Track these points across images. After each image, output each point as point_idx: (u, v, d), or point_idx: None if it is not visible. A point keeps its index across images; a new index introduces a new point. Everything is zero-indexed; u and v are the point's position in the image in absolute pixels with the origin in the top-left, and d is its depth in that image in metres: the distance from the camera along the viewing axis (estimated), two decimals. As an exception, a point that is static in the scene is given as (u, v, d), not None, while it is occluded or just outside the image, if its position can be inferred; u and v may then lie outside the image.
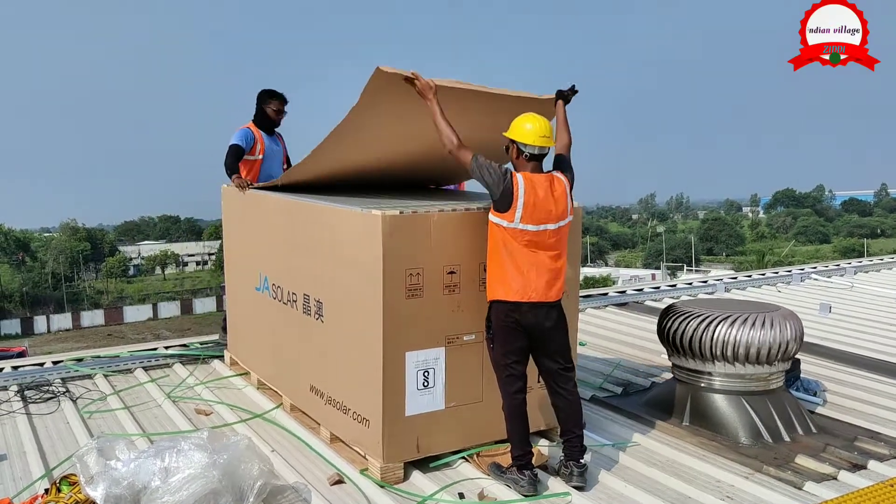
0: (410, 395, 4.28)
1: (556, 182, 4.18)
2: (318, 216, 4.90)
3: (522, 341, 4.17)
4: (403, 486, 4.24)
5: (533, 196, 4.06)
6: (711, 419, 5.02)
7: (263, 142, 6.50)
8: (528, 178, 4.10)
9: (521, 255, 4.08)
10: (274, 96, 6.55)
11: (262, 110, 6.54)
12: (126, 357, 6.74)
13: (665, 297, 9.54)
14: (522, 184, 4.07)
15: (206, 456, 3.79)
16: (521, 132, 4.17)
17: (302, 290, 5.04)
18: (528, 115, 4.21)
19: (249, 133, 6.45)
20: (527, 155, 4.17)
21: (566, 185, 4.23)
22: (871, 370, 6.43)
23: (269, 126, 6.59)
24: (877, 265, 12.43)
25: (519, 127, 4.19)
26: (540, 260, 4.10)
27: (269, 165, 6.55)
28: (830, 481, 4.32)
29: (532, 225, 4.07)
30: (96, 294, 77.89)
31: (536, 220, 4.07)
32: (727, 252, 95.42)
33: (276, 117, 6.58)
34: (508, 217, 4.05)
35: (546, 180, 4.15)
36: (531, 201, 4.05)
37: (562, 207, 4.16)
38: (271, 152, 6.57)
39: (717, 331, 4.97)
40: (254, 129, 6.50)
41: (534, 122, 4.17)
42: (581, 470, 4.23)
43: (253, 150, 6.45)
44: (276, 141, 6.66)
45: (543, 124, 4.18)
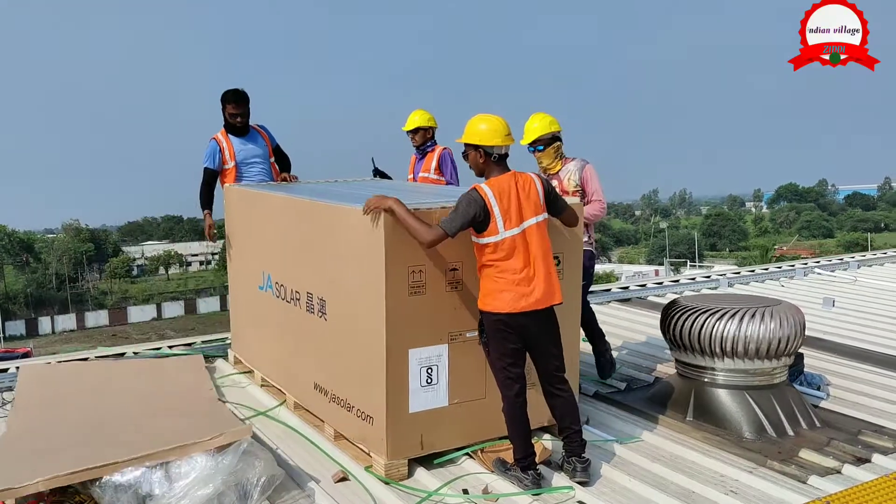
0: (414, 392, 4.29)
1: (519, 177, 4.16)
2: (321, 214, 4.91)
3: (517, 344, 4.16)
4: (408, 483, 4.26)
5: (504, 195, 4.05)
6: (715, 414, 5.02)
7: (232, 147, 6.41)
8: (491, 183, 4.10)
9: (509, 267, 4.05)
10: (227, 100, 6.38)
11: (223, 113, 6.44)
12: (130, 357, 6.75)
13: (668, 293, 9.54)
14: (488, 190, 4.06)
15: (208, 458, 3.80)
16: (484, 135, 4.14)
17: (305, 289, 5.05)
18: (482, 117, 4.21)
19: (216, 146, 6.39)
20: (494, 156, 4.16)
21: (535, 180, 4.19)
22: (874, 364, 6.42)
23: (236, 129, 6.44)
24: (880, 259, 12.40)
25: (479, 131, 4.15)
26: (528, 268, 4.06)
27: (246, 168, 6.46)
28: (834, 475, 4.32)
29: (516, 227, 4.04)
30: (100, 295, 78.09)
31: (515, 218, 4.05)
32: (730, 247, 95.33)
33: (233, 121, 6.40)
34: (492, 230, 4.03)
35: (509, 177, 4.13)
36: (504, 204, 4.04)
37: (535, 200, 4.13)
38: (245, 154, 6.46)
39: (719, 326, 4.97)
40: (223, 137, 6.42)
41: (491, 122, 4.17)
42: (584, 465, 4.23)
43: (223, 160, 6.40)
44: (252, 138, 6.53)
45: (500, 122, 4.18)
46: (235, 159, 6.42)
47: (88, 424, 4.80)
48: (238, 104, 6.39)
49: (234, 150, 6.43)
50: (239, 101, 6.40)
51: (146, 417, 4.92)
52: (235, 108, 6.38)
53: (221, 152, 6.41)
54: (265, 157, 6.61)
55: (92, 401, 5.34)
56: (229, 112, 6.39)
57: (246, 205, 6.10)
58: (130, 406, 5.19)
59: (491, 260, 4.08)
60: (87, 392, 5.54)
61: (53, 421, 4.89)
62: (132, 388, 5.60)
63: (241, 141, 6.48)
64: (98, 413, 5.06)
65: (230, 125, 6.45)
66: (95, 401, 5.34)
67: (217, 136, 6.44)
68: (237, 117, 6.40)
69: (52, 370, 6.16)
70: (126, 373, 6.05)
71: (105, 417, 4.95)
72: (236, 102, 6.38)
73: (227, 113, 6.40)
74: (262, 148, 6.60)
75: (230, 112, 6.39)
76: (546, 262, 4.11)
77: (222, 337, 7.34)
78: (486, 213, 4.01)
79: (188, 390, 5.58)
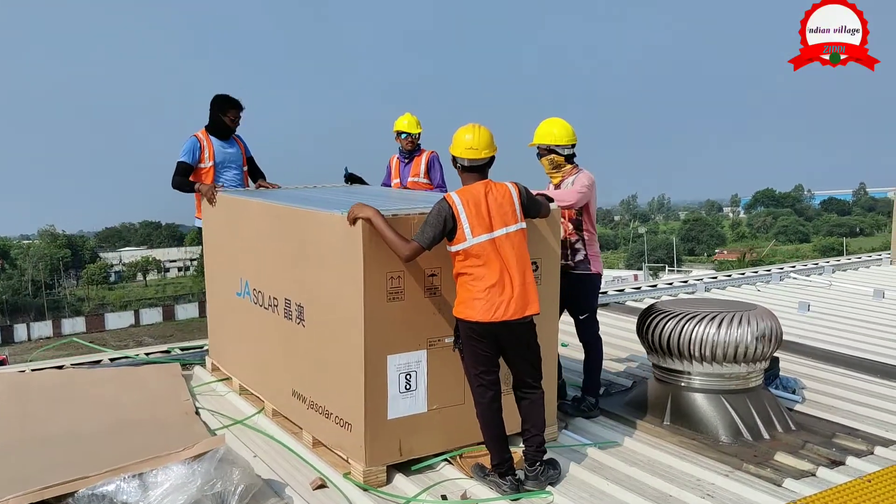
0: (392, 399, 4.29)
1: (494, 186, 4.18)
2: (299, 220, 4.90)
3: (490, 351, 4.16)
4: (386, 489, 4.25)
5: (473, 203, 4.07)
6: (691, 418, 5.06)
7: (213, 148, 6.50)
8: (461, 192, 4.13)
9: (481, 275, 4.05)
10: (231, 104, 6.56)
11: (218, 118, 6.55)
12: (107, 364, 6.70)
13: (646, 298, 9.61)
14: (457, 198, 4.08)
15: (184, 466, 3.78)
16: (454, 143, 4.23)
17: (283, 295, 5.04)
18: (466, 127, 4.25)
19: (196, 143, 6.47)
20: (460, 166, 4.21)
21: (511, 189, 4.20)
22: (848, 367, 6.50)
23: (222, 132, 6.58)
24: (854, 263, 12.56)
25: (456, 139, 4.23)
26: (501, 277, 4.05)
27: (225, 170, 6.58)
28: (809, 478, 4.36)
29: (484, 235, 4.04)
30: (77, 301, 77.27)
31: (485, 225, 4.05)
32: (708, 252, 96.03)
33: (231, 124, 6.59)
34: (460, 237, 4.04)
35: (482, 185, 4.16)
36: (472, 210, 4.05)
37: (508, 209, 4.13)
38: (223, 157, 6.57)
39: (695, 330, 5.01)
40: (203, 136, 6.52)
41: (467, 133, 4.21)
42: (533, 473, 4.22)
43: (202, 158, 6.47)
44: (231, 144, 6.66)
45: (476, 135, 4.19)
46: (214, 160, 6.50)
47: (62, 436, 4.77)
48: (239, 109, 6.62)
49: (213, 150, 6.51)
50: (240, 106, 6.63)
51: (121, 427, 4.89)
52: (238, 113, 6.60)
53: (201, 150, 6.48)
54: (240, 164, 6.73)
55: (66, 411, 5.30)
56: (231, 116, 6.56)
57: (224, 210, 6.07)
58: (105, 416, 5.15)
59: (464, 268, 4.09)
60: (61, 401, 5.50)
61: (26, 433, 4.85)
62: (107, 398, 5.56)
63: (222, 144, 6.58)
64: (72, 423, 5.02)
65: (219, 128, 6.57)
66: (70, 411, 5.30)
67: (198, 134, 6.54)
68: (237, 120, 6.62)
69: (27, 379, 6.09)
70: (101, 381, 5.99)
71: (79, 428, 4.92)
72: (238, 108, 6.61)
73: (228, 117, 6.56)
74: (238, 155, 6.72)
75: (231, 117, 6.56)
76: (522, 272, 4.10)
77: (200, 344, 7.30)
78: (455, 220, 4.03)
79: (164, 399, 5.54)
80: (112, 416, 5.14)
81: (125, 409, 5.30)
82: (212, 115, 6.57)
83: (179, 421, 5.09)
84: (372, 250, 4.11)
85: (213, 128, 6.56)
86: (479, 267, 4.05)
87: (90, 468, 3.79)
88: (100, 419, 5.09)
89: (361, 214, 4.08)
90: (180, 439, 4.20)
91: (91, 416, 5.17)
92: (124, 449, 4.26)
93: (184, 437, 4.36)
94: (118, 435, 4.77)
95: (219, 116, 6.54)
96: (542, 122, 5.33)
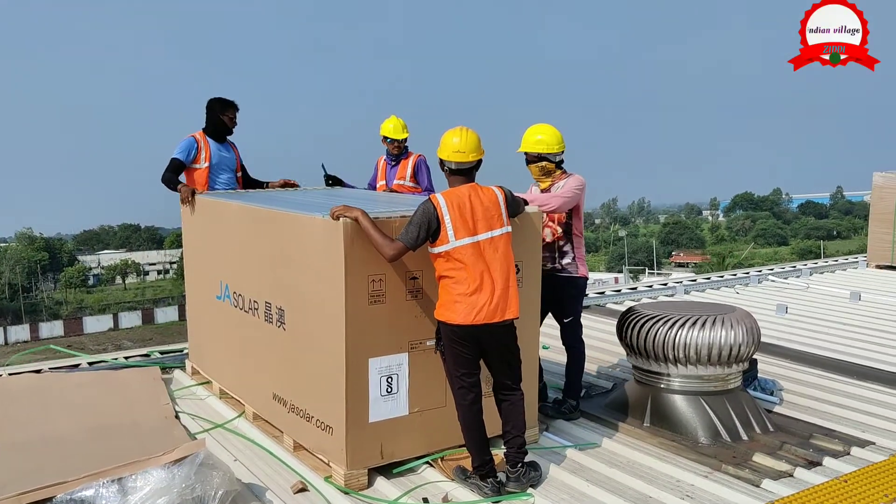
0: (374, 402, 4.29)
1: (480, 190, 4.20)
2: (280, 223, 4.88)
3: (471, 354, 4.17)
4: (367, 493, 4.25)
5: (458, 204, 4.08)
6: (671, 420, 5.10)
7: (209, 149, 6.51)
8: (446, 194, 4.14)
9: (463, 278, 4.06)
10: (230, 105, 6.59)
11: (217, 119, 6.56)
12: (85, 368, 6.64)
13: (626, 300, 9.67)
14: (442, 199, 4.10)
15: (163, 470, 3.75)
16: (441, 147, 4.25)
17: (263, 298, 5.02)
18: (453, 130, 4.26)
19: (193, 143, 6.47)
20: (448, 169, 4.23)
21: (497, 193, 4.23)
22: (825, 369, 6.57)
23: (221, 134, 6.60)
24: (832, 266, 12.71)
25: (442, 142, 4.25)
26: (483, 280, 4.07)
27: (218, 173, 6.56)
28: (787, 478, 4.41)
29: (467, 238, 4.06)
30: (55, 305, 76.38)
31: (469, 229, 4.07)
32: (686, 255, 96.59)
33: (231, 125, 6.62)
34: (443, 239, 4.05)
35: (468, 188, 4.18)
36: (456, 213, 4.06)
37: (493, 213, 4.15)
38: (219, 160, 6.57)
39: (675, 333, 5.05)
40: (200, 137, 6.53)
41: (454, 136, 4.22)
42: (515, 475, 4.24)
43: (197, 158, 6.46)
44: (227, 148, 6.67)
45: (463, 138, 4.21)
46: (210, 161, 6.51)
47: (41, 440, 4.72)
48: (236, 109, 6.64)
49: (210, 152, 6.52)
50: (237, 108, 6.66)
51: (100, 432, 4.85)
52: (234, 112, 6.62)
53: (198, 151, 6.49)
54: (234, 169, 6.74)
55: (45, 415, 5.25)
56: (229, 117, 6.59)
57: (204, 213, 6.04)
58: (84, 420, 5.11)
59: (446, 270, 4.09)
60: (39, 406, 5.44)
61: (3, 438, 4.79)
62: (86, 402, 5.51)
63: (218, 146, 6.60)
64: (50, 428, 4.97)
65: (217, 130, 6.59)
66: (48, 415, 5.25)
67: (196, 135, 6.56)
68: (234, 120, 6.64)
69: (4, 383, 6.03)
70: (80, 385, 5.94)
71: (58, 433, 4.87)
72: (236, 109, 6.64)
73: (227, 117, 6.58)
74: (233, 159, 6.74)
75: (230, 116, 6.59)
76: (505, 276, 4.12)
77: (180, 347, 7.26)
78: (439, 221, 4.05)
79: (144, 403, 5.50)
80: (91, 421, 5.10)
81: (104, 414, 5.26)
82: (210, 116, 6.58)
83: (159, 425, 5.05)
84: (353, 253, 4.11)
85: (211, 130, 6.58)
86: (460, 270, 4.06)
87: (68, 473, 3.76)
88: (78, 423, 5.04)
89: (349, 215, 4.09)
90: (160, 443, 4.18)
91: (69, 420, 5.13)
92: (103, 453, 4.23)
93: (163, 442, 4.34)
94: (97, 439, 4.73)
95: (218, 117, 6.57)
96: (531, 129, 5.30)
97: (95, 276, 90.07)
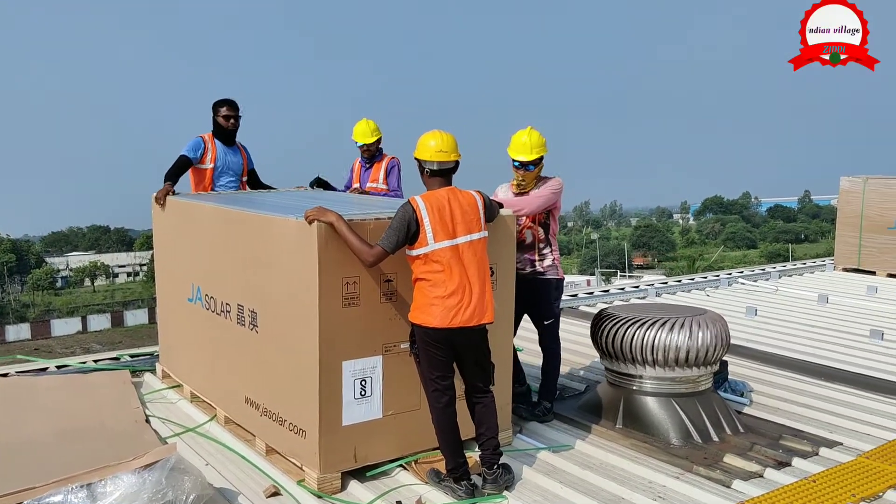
0: (347, 405, 4.27)
1: (459, 193, 4.21)
2: (253, 225, 4.85)
3: (446, 357, 4.17)
4: (341, 496, 4.23)
5: (437, 207, 4.08)
6: (643, 421, 5.14)
7: (216, 151, 6.54)
8: (425, 197, 4.13)
9: (440, 281, 4.06)
10: (222, 103, 6.60)
11: (214, 120, 6.59)
12: (53, 372, 6.55)
13: (598, 303, 9.73)
14: (421, 202, 4.09)
15: (134, 476, 3.71)
16: (420, 148, 4.23)
17: (236, 301, 4.98)
18: (431, 132, 4.26)
19: (200, 142, 6.51)
20: (428, 171, 4.22)
21: (476, 197, 4.24)
22: (794, 370, 6.66)
23: (225, 136, 6.60)
24: (800, 269, 12.88)
25: (421, 144, 4.24)
26: (460, 284, 4.07)
27: (223, 175, 6.59)
28: (757, 479, 4.46)
29: (446, 240, 4.06)
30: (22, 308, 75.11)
31: (448, 232, 4.07)
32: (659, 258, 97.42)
33: (226, 123, 6.58)
34: (422, 241, 4.05)
35: (447, 191, 4.18)
36: (435, 216, 4.06)
37: (472, 217, 4.16)
38: (225, 163, 6.59)
39: (646, 335, 5.09)
40: (209, 138, 6.56)
41: (434, 138, 4.22)
42: (492, 476, 4.24)
43: (203, 158, 6.51)
44: (234, 152, 6.69)
45: (443, 139, 4.21)
46: (215, 163, 6.54)
47: (7, 445, 4.65)
48: (231, 107, 6.61)
49: (216, 153, 6.56)
50: (233, 105, 6.63)
51: (69, 437, 4.78)
52: (230, 110, 6.60)
53: (204, 151, 6.52)
54: (239, 172, 6.74)
55: (11, 420, 5.17)
56: (223, 114, 6.58)
57: (175, 214, 5.98)
58: (52, 424, 5.04)
59: (423, 273, 4.09)
60: (6, 410, 5.36)
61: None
62: (54, 406, 5.43)
63: (225, 149, 6.63)
64: (17, 432, 4.90)
65: (221, 130, 6.59)
66: (15, 420, 5.17)
67: (204, 136, 6.59)
68: (231, 119, 6.59)
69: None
70: (49, 389, 5.86)
71: (25, 437, 4.80)
72: (230, 105, 6.61)
73: (221, 115, 6.58)
74: (239, 163, 6.74)
75: (224, 114, 6.58)
76: (481, 280, 4.13)
77: (150, 350, 7.19)
78: (418, 224, 4.04)
79: (113, 407, 5.44)
80: (59, 425, 5.03)
81: (73, 418, 5.19)
82: (213, 118, 6.61)
83: (129, 429, 4.99)
84: (327, 255, 4.09)
85: (216, 131, 6.61)
86: (438, 273, 4.06)
87: (36, 478, 3.70)
88: (47, 427, 4.97)
89: (324, 219, 4.07)
90: (130, 448, 4.13)
91: (37, 424, 5.05)
92: (72, 458, 4.17)
93: (134, 446, 4.29)
94: (66, 444, 4.66)
95: (214, 117, 6.58)
96: (527, 134, 5.16)
97: (64, 279, 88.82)
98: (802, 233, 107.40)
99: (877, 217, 11.93)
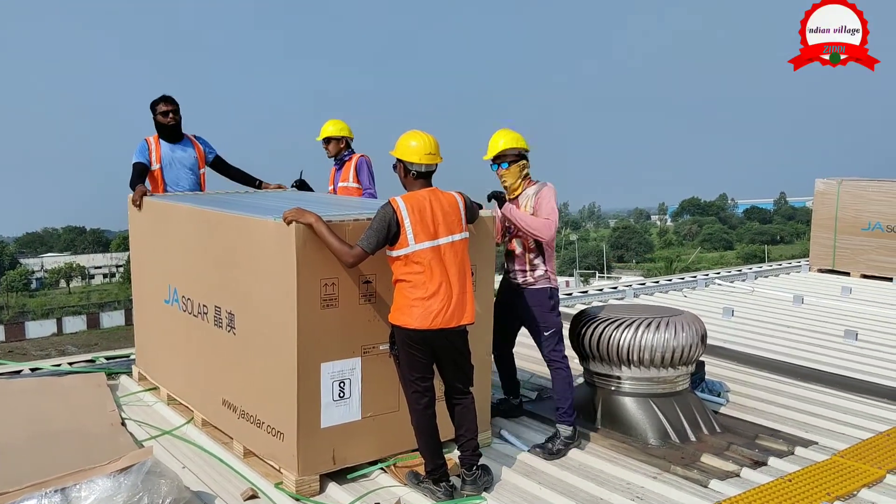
0: (326, 407, 4.25)
1: (440, 194, 4.20)
2: (230, 226, 4.82)
3: (426, 358, 4.16)
4: (319, 499, 4.21)
5: (417, 208, 4.07)
6: (621, 421, 5.16)
7: (160, 150, 6.45)
8: (406, 197, 4.11)
9: (421, 283, 4.04)
10: (158, 101, 6.49)
11: (154, 120, 6.50)
12: (27, 375, 6.46)
13: (577, 304, 9.75)
14: (402, 202, 4.07)
15: (109, 479, 3.67)
16: (406, 150, 4.18)
17: (213, 302, 4.95)
18: (413, 133, 4.23)
19: (145, 145, 6.44)
20: (413, 173, 4.19)
21: (457, 198, 4.24)
22: (770, 371, 6.72)
23: (168, 132, 6.49)
24: (776, 270, 13.01)
25: (404, 145, 4.20)
26: (440, 285, 4.06)
27: (174, 173, 6.50)
28: (734, 478, 4.49)
29: (427, 241, 4.04)
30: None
31: (429, 232, 4.05)
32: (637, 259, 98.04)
33: (165, 119, 6.46)
34: (403, 243, 4.03)
35: (428, 193, 4.16)
36: (416, 217, 4.05)
37: (453, 219, 4.15)
38: (171, 160, 6.49)
39: (624, 335, 5.11)
40: (153, 139, 6.47)
41: (419, 139, 4.19)
42: (471, 477, 4.24)
43: (150, 160, 6.41)
44: (184, 146, 6.57)
45: (429, 140, 4.20)
46: (161, 163, 6.44)
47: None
48: (168, 102, 6.47)
49: (160, 153, 6.46)
50: (169, 100, 6.49)
51: (43, 440, 4.73)
52: (167, 105, 6.46)
53: (149, 153, 6.43)
54: (194, 167, 6.62)
55: (-16, 422, 5.09)
56: (161, 111, 6.45)
57: (152, 215, 5.93)
58: (26, 427, 4.98)
59: (404, 274, 4.08)
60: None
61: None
62: (29, 409, 5.37)
63: (171, 147, 6.52)
64: None
65: (162, 128, 6.48)
66: (-12, 422, 5.09)
67: (148, 138, 6.50)
68: (168, 114, 6.45)
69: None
70: (22, 392, 5.78)
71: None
72: (166, 101, 6.47)
73: (160, 112, 6.46)
74: (191, 157, 6.61)
75: (162, 110, 6.45)
76: (462, 282, 4.13)
77: (127, 353, 7.11)
78: (398, 225, 4.03)
79: (89, 410, 5.38)
80: (33, 428, 4.97)
81: (47, 421, 5.12)
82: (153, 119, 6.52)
83: (105, 432, 4.94)
84: (305, 257, 4.07)
85: (159, 130, 6.51)
86: (419, 274, 4.05)
87: (9, 482, 3.66)
88: (20, 431, 4.91)
89: (302, 220, 4.05)
90: (106, 451, 4.09)
91: (11, 428, 4.98)
92: (46, 462, 4.12)
93: (109, 450, 4.25)
94: (40, 447, 4.61)
95: (153, 117, 6.48)
96: (500, 133, 5.01)
97: (38, 280, 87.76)
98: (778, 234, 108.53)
99: (851, 219, 12.06)
